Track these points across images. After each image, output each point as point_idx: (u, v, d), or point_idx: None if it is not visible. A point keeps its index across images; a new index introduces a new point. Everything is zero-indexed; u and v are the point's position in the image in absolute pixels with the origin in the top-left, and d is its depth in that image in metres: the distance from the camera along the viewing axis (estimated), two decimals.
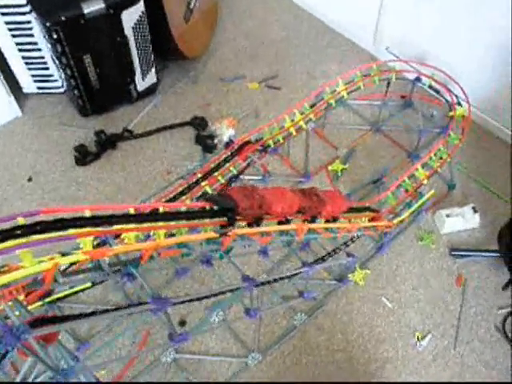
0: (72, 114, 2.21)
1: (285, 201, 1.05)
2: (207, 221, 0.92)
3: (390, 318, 1.66)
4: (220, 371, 1.57)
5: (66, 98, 2.25)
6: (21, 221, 0.64)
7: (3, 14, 1.85)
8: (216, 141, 2.03)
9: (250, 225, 1.05)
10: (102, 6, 1.75)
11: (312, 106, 1.84)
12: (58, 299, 1.55)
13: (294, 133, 1.82)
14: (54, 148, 2.11)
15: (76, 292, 1.53)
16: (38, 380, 1.27)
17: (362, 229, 1.48)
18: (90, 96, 2.05)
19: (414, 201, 1.69)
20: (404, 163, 2.01)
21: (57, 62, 1.92)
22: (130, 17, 1.86)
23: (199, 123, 2.13)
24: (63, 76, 2.01)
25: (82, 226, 0.70)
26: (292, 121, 1.80)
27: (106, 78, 2.01)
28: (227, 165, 1.75)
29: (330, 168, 2.01)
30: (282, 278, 1.35)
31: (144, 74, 2.13)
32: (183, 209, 0.91)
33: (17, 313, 0.76)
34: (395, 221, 1.64)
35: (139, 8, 1.87)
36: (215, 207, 0.95)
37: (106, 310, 0.82)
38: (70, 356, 0.87)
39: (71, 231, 0.67)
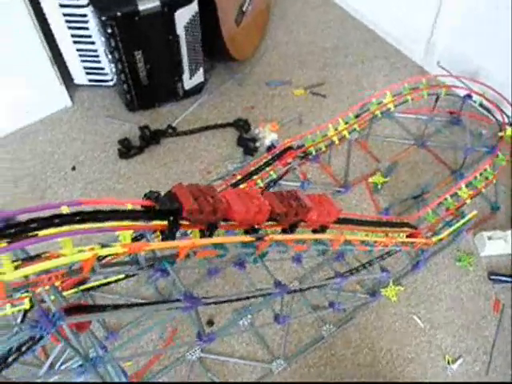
0: (119, 107, 2.26)
1: (249, 205, 0.88)
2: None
3: (420, 337, 1.63)
4: (244, 374, 1.57)
5: (114, 92, 2.30)
6: (65, 209, 0.65)
7: (62, 5, 1.90)
8: (258, 144, 2.03)
9: (284, 231, 1.04)
10: (157, 4, 1.78)
11: (357, 116, 1.82)
12: (92, 288, 1.59)
13: (337, 142, 1.80)
14: (99, 139, 2.15)
15: (109, 282, 1.56)
16: (65, 366, 1.30)
17: (399, 244, 1.45)
18: (137, 91, 2.09)
19: (455, 220, 1.65)
20: (447, 181, 1.97)
21: (109, 56, 1.97)
22: (184, 16, 1.88)
23: (242, 125, 2.14)
24: (114, 70, 2.05)
25: (121, 219, 0.71)
26: (335, 130, 1.79)
27: (154, 74, 2.04)
28: (267, 169, 1.75)
29: (370, 180, 1.99)
30: (314, 287, 1.34)
31: (192, 73, 2.15)
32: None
33: (52, 297, 0.77)
34: (434, 239, 1.60)
35: (193, 8, 1.89)
36: (157, 207, 0.78)
37: (140, 304, 0.83)
38: (100, 345, 0.89)
39: (113, 223, 0.68)
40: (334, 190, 1.95)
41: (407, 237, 1.57)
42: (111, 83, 2.27)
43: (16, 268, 0.65)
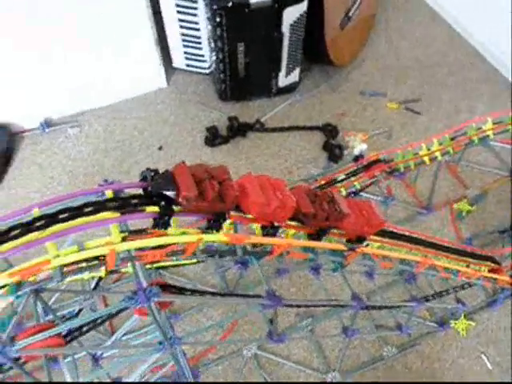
0: (211, 95, 2.29)
1: (270, 198, 0.76)
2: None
3: (486, 379, 1.55)
4: (297, 380, 1.55)
5: (209, 80, 2.34)
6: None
7: None
8: (346, 152, 2.00)
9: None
10: None
11: (452, 139, 1.75)
12: (163, 267, 1.62)
13: (428, 162, 1.74)
14: (188, 124, 2.20)
15: (182, 265, 1.59)
16: (136, 342, 1.33)
17: (483, 278, 1.38)
18: (233, 82, 2.11)
19: None
20: None
21: (212, 44, 2.00)
22: (291, 14, 1.88)
23: (330, 130, 2.12)
24: (213, 58, 2.09)
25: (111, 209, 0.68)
26: (428, 149, 1.73)
27: (252, 68, 2.05)
28: (352, 178, 1.72)
29: (455, 206, 1.91)
30: (390, 307, 1.30)
31: (288, 72, 2.15)
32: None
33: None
34: None
35: (302, 7, 1.88)
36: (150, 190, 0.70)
37: (223, 294, 0.83)
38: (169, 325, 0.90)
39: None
40: (416, 210, 1.89)
41: (489, 272, 1.50)
42: (207, 71, 2.31)
43: (123, 239, 0.67)
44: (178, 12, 2.04)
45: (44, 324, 0.80)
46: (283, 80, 2.18)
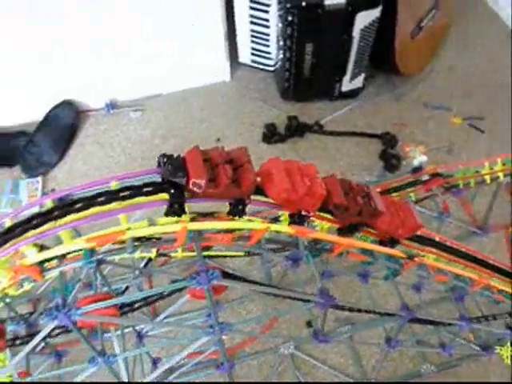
0: (273, 93, 2.31)
1: (297, 183, 0.70)
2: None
3: None
4: None
5: (272, 77, 2.35)
6: None
7: None
8: (404, 162, 1.98)
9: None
10: (343, 1, 1.78)
11: None
12: (210, 256, 1.64)
13: (489, 181, 1.69)
14: (247, 119, 2.22)
15: (230, 256, 1.60)
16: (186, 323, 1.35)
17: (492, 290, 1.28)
18: (296, 82, 2.12)
19: None
20: None
21: (281, 42, 2.01)
22: (364, 19, 1.87)
23: (389, 140, 2.09)
24: (280, 56, 2.10)
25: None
26: (491, 169, 1.68)
27: (318, 69, 2.05)
28: (408, 189, 1.69)
29: (511, 230, 1.85)
30: (439, 323, 1.27)
31: (353, 77, 2.14)
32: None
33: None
34: None
35: (375, 13, 1.87)
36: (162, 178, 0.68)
37: (275, 286, 0.84)
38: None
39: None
40: (471, 230, 1.84)
41: None
42: (271, 68, 2.32)
43: (192, 220, 0.69)
44: (251, 8, 2.06)
45: (102, 294, 0.83)
46: (347, 84, 2.17)
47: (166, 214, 0.67)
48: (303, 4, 1.79)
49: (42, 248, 0.69)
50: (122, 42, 2.05)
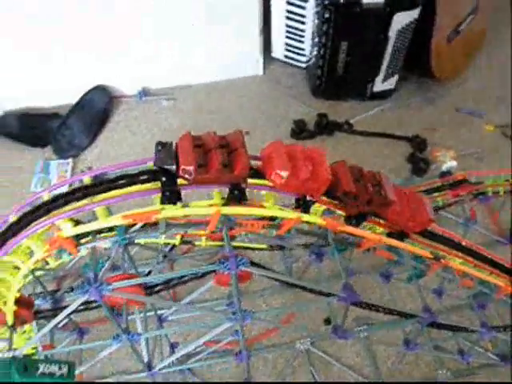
0: (304, 90, 2.31)
1: (299, 167, 0.69)
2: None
3: None
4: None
5: (303, 74, 2.35)
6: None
7: None
8: (433, 166, 1.96)
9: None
10: (382, 1, 1.78)
11: None
12: (234, 247, 1.65)
13: None
14: (277, 113, 2.22)
15: (252, 248, 1.61)
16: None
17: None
18: (328, 79, 2.12)
19: None
20: None
21: (315, 39, 2.01)
22: (401, 20, 1.85)
23: (419, 143, 2.08)
24: (313, 53, 2.10)
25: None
26: None
27: (351, 68, 2.05)
28: (435, 194, 1.68)
29: None
30: (457, 328, 1.26)
31: (386, 78, 2.13)
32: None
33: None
34: None
35: (413, 14, 1.86)
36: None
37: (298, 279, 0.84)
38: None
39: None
40: (495, 238, 1.82)
41: None
42: (303, 65, 2.32)
43: (223, 205, 0.70)
44: (288, 3, 2.07)
45: (128, 274, 0.85)
46: (379, 85, 2.16)
47: (161, 202, 0.67)
48: (341, 1, 1.78)
49: (77, 223, 0.71)
50: (157, 31, 2.08)
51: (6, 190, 1.99)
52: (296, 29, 2.15)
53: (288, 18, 2.12)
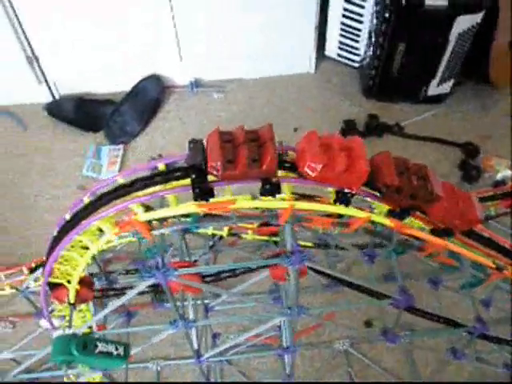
0: (355, 89, 2.29)
1: (334, 159, 0.66)
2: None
3: None
4: None
5: (355, 73, 2.33)
6: None
7: None
8: (487, 175, 1.92)
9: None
10: (445, 3, 1.74)
11: None
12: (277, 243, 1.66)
13: None
14: (326, 112, 2.21)
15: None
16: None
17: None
18: (382, 80, 2.09)
19: None
20: None
21: (372, 38, 1.99)
22: (463, 23, 1.82)
23: (471, 150, 2.03)
24: (368, 53, 2.08)
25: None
26: None
27: (406, 70, 2.02)
28: (488, 203, 1.64)
29: None
30: (505, 342, 1.24)
31: (441, 81, 2.09)
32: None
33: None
34: None
35: (476, 18, 1.82)
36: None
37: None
38: None
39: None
40: None
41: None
42: (356, 64, 2.30)
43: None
44: (346, 1, 2.05)
45: (186, 261, 0.87)
46: (433, 88, 2.12)
47: (195, 199, 0.67)
48: (403, 2, 1.76)
49: (148, 208, 0.72)
50: (211, 24, 2.10)
51: (60, 171, 2.05)
52: (352, 27, 2.13)
53: (345, 16, 2.11)
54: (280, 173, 0.68)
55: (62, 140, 2.15)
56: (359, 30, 2.12)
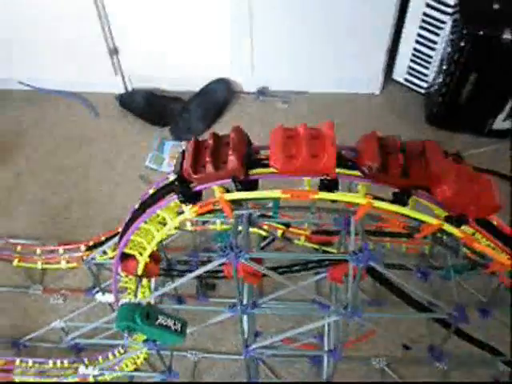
0: (418, 115, 2.29)
1: (300, 149, 0.71)
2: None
3: None
4: None
5: (420, 99, 2.33)
6: None
7: (428, 5, 1.98)
8: None
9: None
10: None
11: None
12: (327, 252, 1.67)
13: None
14: (386, 134, 2.21)
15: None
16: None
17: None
18: (448, 109, 2.09)
19: None
20: None
21: (444, 66, 1.99)
22: None
23: None
24: (437, 80, 2.08)
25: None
26: None
27: (475, 101, 2.01)
28: None
29: None
30: None
31: (508, 116, 2.07)
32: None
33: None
34: None
35: None
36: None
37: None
38: None
39: None
40: None
41: None
42: (422, 91, 2.31)
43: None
44: (420, 27, 2.07)
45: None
46: (500, 123, 2.10)
47: (181, 202, 0.79)
48: (480, 33, 1.77)
49: (227, 191, 0.77)
50: (283, 35, 2.16)
51: (124, 159, 2.15)
52: (424, 54, 2.15)
53: (418, 42, 2.13)
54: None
55: (130, 130, 2.25)
56: (431, 56, 2.13)
